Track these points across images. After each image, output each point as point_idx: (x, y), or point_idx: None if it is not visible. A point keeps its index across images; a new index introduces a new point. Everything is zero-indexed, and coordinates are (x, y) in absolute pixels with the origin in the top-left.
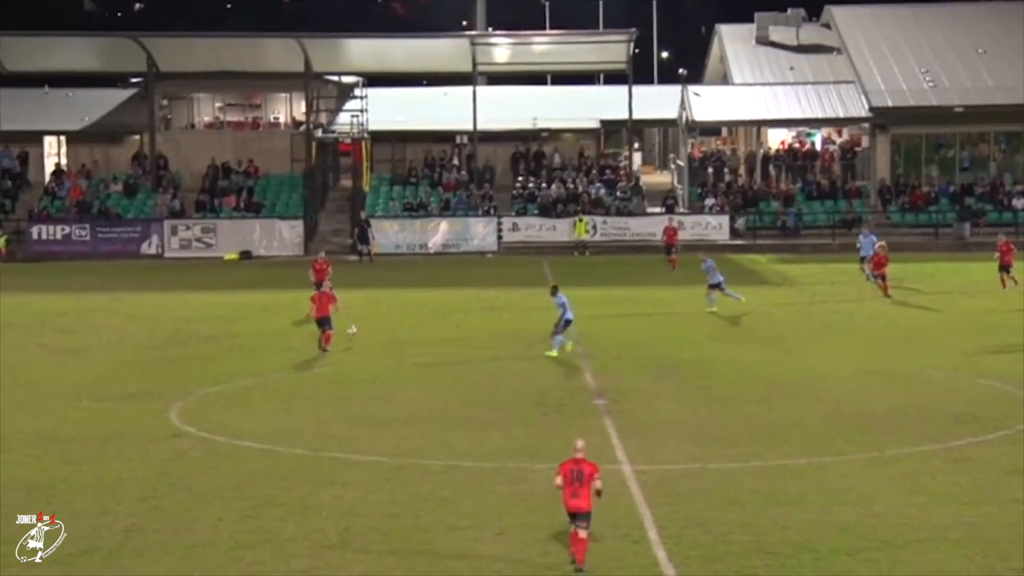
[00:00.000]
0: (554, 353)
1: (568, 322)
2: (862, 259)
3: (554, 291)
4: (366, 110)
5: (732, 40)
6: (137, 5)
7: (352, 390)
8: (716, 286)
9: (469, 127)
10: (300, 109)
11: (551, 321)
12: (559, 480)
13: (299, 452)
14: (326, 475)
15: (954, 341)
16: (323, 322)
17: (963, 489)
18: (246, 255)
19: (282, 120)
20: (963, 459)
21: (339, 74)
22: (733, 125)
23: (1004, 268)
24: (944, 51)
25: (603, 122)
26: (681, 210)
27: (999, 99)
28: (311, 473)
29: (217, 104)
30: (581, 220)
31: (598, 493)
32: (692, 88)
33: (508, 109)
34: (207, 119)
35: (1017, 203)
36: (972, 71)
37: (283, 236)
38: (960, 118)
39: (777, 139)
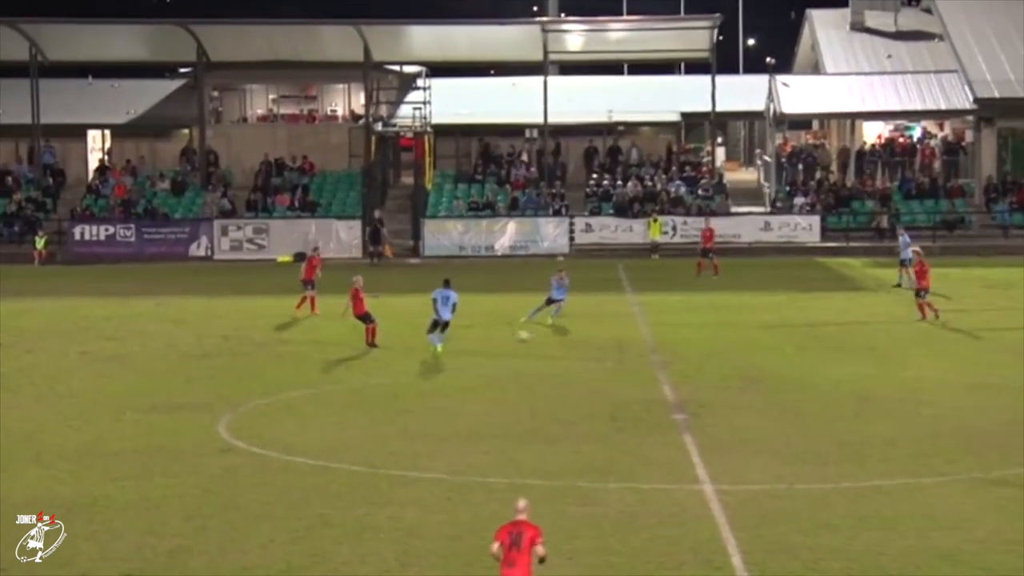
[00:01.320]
0: (438, 348)
1: (443, 324)
2: (902, 262)
3: (445, 283)
4: (429, 102)
5: (824, 26)
6: None
7: (411, 403)
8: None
9: (539, 120)
10: (359, 101)
11: (628, 329)
12: (496, 547)
13: (355, 469)
14: (383, 494)
15: None
16: (365, 318)
17: None
18: (300, 257)
19: (339, 113)
20: None
21: (400, 63)
22: (825, 118)
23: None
24: None
25: (684, 115)
26: (768, 209)
27: None
28: (367, 492)
29: (271, 96)
30: (656, 220)
31: (541, 560)
32: (781, 78)
33: (581, 101)
34: (260, 112)
35: None
36: None
37: (340, 237)
38: None
39: (873, 133)
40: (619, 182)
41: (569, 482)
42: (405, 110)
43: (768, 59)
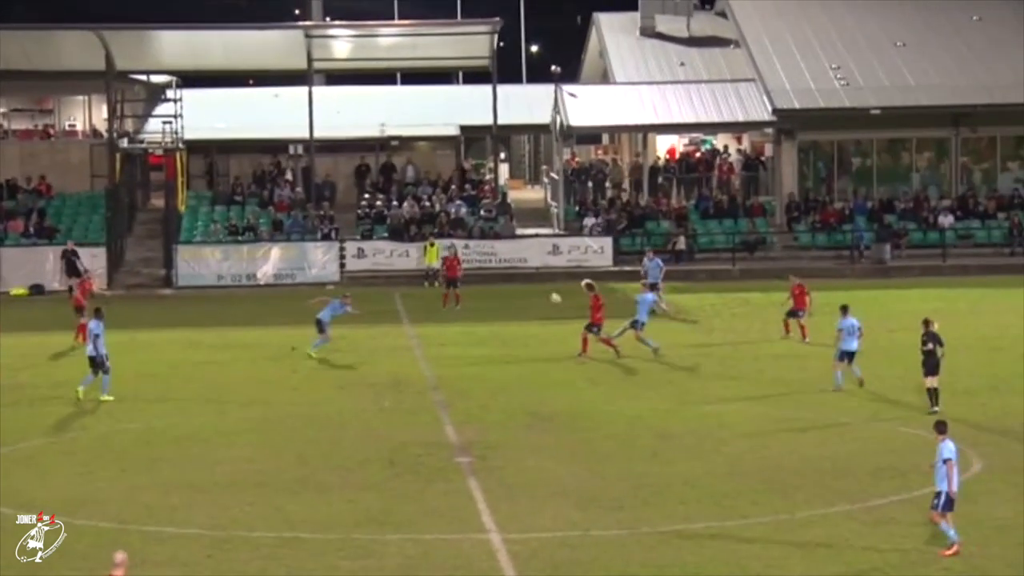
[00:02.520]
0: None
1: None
2: (653, 286)
3: (96, 313)
4: (181, 115)
5: (613, 31)
6: None
7: (166, 450)
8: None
9: (305, 135)
10: (101, 115)
11: (406, 364)
12: None
13: (103, 526)
14: (136, 553)
15: (874, 383)
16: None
17: (885, 557)
18: (37, 289)
19: (79, 128)
20: (885, 521)
21: (147, 73)
22: (615, 131)
23: (793, 314)
24: (858, 44)
25: (463, 128)
26: (556, 231)
27: (922, 100)
28: (117, 550)
29: (0, 110)
30: (433, 244)
31: None
32: (567, 88)
33: (351, 113)
34: None
35: (944, 220)
36: (890, 68)
37: (82, 266)
38: (877, 122)
39: (667, 147)
40: (394, 202)
41: (343, 534)
42: (154, 124)
43: (553, 67)
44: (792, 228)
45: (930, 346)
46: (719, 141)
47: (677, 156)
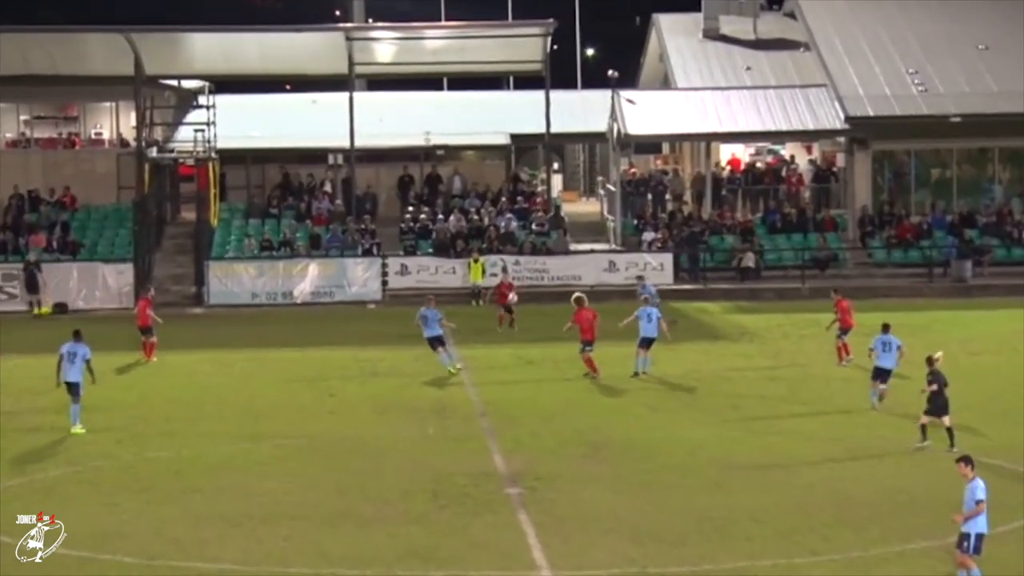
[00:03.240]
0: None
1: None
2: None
3: (75, 336)
4: (213, 123)
5: (674, 34)
6: None
7: (196, 480)
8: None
9: (345, 144)
10: (129, 122)
11: (451, 388)
12: None
13: (128, 561)
14: None
15: (955, 410)
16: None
17: None
18: (60, 308)
19: (106, 137)
20: None
21: (179, 78)
22: (676, 140)
23: (845, 333)
24: (936, 47)
25: (514, 137)
26: (612, 246)
27: (1005, 106)
28: None
29: (22, 117)
30: (477, 260)
31: None
32: (625, 94)
33: (394, 121)
34: (9, 136)
35: None
36: (971, 72)
37: (108, 284)
38: (957, 130)
39: (729, 157)
40: (439, 216)
41: (384, 570)
42: (185, 133)
43: (610, 72)
44: (866, 244)
45: (935, 386)
46: (787, 150)
47: (742, 166)
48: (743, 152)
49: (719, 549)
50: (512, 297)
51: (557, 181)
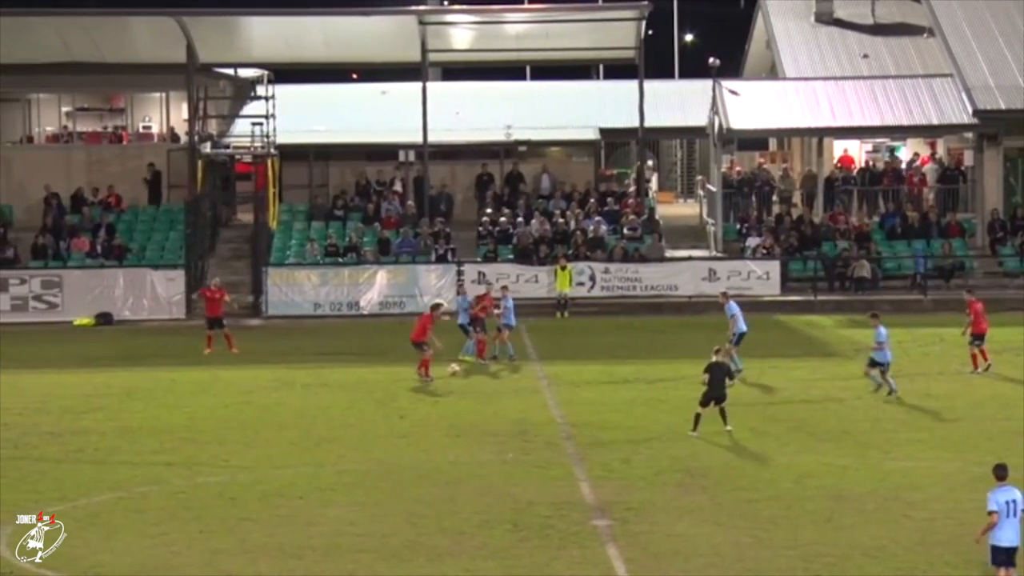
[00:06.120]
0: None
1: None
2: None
3: None
4: (273, 116)
5: (783, 17)
6: None
7: (253, 508)
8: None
9: (417, 139)
10: (180, 115)
11: (534, 409)
12: None
13: None
14: None
15: None
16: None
17: None
18: (105, 319)
19: (155, 130)
20: None
21: (235, 66)
22: (784, 135)
23: (979, 338)
24: None
25: (603, 131)
26: (713, 253)
27: None
28: None
29: (64, 108)
30: (564, 268)
31: None
32: (727, 84)
33: (472, 114)
34: (50, 129)
35: None
36: None
37: (157, 292)
38: None
39: (842, 154)
40: (520, 218)
41: None
42: (242, 126)
43: (711, 60)
44: (996, 251)
45: None
46: (909, 147)
47: (857, 165)
48: (858, 149)
49: None
50: (496, 313)
51: (652, 181)
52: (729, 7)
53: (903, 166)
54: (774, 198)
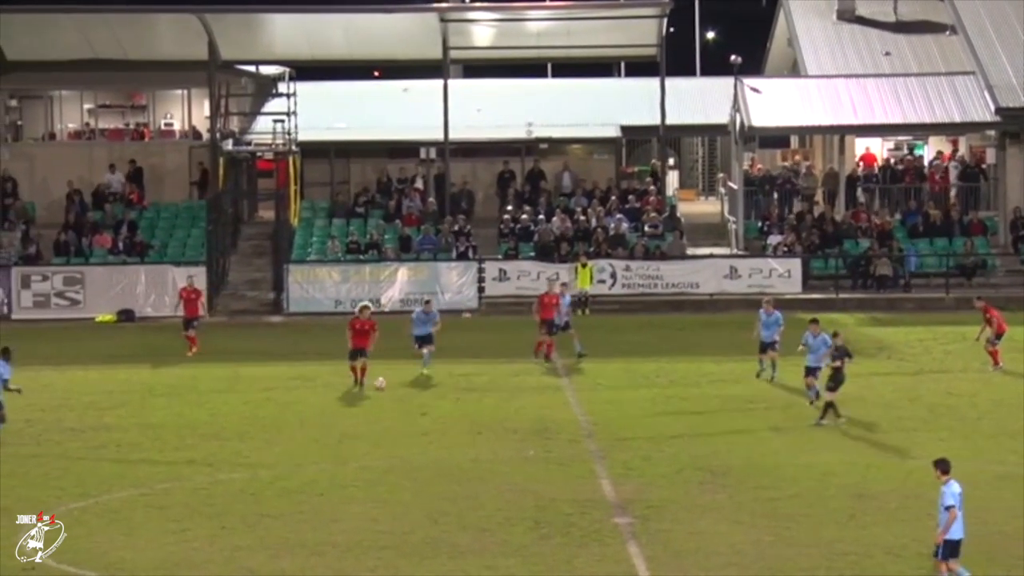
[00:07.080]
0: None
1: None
2: (771, 345)
3: (3, 353)
4: (294, 113)
5: (805, 15)
6: None
7: (274, 505)
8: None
9: (439, 136)
10: (202, 112)
11: (555, 407)
12: None
13: None
14: None
15: None
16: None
17: None
18: (127, 315)
19: (177, 127)
20: None
21: (257, 63)
22: (806, 132)
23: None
24: None
25: (624, 129)
26: (734, 251)
27: None
28: None
29: (87, 105)
30: (585, 265)
31: None
32: (749, 82)
33: (493, 112)
34: (72, 126)
35: None
36: None
37: (178, 289)
38: None
39: (863, 152)
40: (541, 216)
41: None
42: (263, 123)
43: (733, 57)
44: (1018, 249)
45: None
46: (931, 145)
47: (879, 163)
48: (879, 147)
49: None
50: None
51: (673, 178)
52: (751, 5)
53: (925, 164)
54: (796, 197)
